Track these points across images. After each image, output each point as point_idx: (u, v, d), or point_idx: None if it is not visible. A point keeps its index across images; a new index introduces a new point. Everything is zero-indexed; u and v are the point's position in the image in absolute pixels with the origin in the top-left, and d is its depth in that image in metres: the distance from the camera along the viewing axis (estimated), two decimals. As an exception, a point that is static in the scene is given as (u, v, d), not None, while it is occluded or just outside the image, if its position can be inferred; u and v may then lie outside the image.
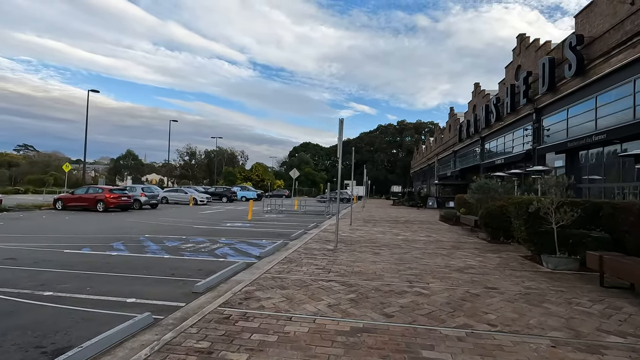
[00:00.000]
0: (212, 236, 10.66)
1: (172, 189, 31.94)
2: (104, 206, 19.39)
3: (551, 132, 18.06)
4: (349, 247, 8.45)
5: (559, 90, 16.62)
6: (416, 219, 17.87)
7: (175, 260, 7.15)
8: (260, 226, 13.88)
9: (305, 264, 6.39)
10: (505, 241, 9.69)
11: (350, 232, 11.43)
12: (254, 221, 15.95)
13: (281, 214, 20.86)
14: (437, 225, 15.03)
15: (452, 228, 13.67)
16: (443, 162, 42.69)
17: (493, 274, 5.92)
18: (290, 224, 14.90)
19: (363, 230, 12.25)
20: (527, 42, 20.85)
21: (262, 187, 72.29)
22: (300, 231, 11.75)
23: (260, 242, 9.61)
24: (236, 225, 14.12)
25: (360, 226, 13.74)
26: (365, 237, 10.40)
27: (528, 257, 7.45)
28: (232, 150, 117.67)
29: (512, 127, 22.36)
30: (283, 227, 13.63)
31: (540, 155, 18.74)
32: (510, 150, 22.96)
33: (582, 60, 14.51)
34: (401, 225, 14.57)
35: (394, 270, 6.00)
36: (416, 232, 12.03)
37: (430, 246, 8.83)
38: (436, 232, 12.01)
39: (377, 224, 15.02)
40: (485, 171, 27.44)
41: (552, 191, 6.55)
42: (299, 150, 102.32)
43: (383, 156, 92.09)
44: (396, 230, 12.31)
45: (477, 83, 31.27)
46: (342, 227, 12.90)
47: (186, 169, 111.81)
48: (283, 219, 17.75)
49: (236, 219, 16.67)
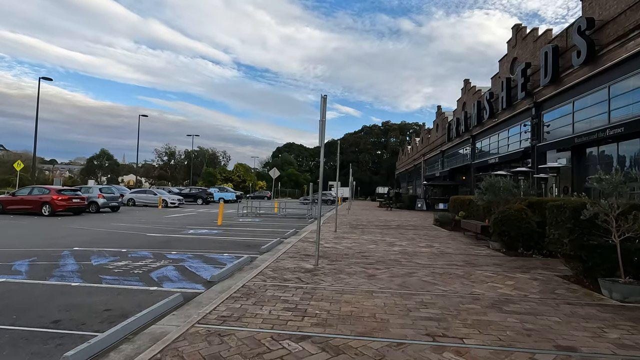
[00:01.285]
0: (163, 249, 8.42)
1: (139, 190, 29.18)
2: (50, 209, 16.70)
3: (552, 128, 16.60)
4: (334, 265, 6.41)
5: (563, 82, 15.15)
6: (408, 223, 16.03)
7: (83, 291, 4.94)
8: (228, 233, 11.69)
9: (269, 299, 4.31)
10: (525, 253, 7.87)
11: (335, 242, 9.40)
12: (224, 227, 13.73)
13: (258, 218, 18.67)
14: (434, 230, 13.20)
15: (452, 234, 11.86)
16: (430, 162, 41.38)
17: (546, 312, 4.00)
18: (265, 231, 12.76)
19: (350, 238, 10.25)
20: (524, 32, 19.44)
21: (244, 189, 69.75)
22: (275, 240, 9.66)
23: (221, 258, 7.46)
24: (200, 232, 11.88)
25: (347, 233, 11.75)
26: (353, 248, 8.39)
27: (571, 279, 5.60)
28: (214, 150, 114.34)
29: (507, 123, 20.91)
30: (256, 235, 11.49)
31: (540, 153, 17.27)
32: (505, 148, 21.52)
33: (593, 46, 13.02)
34: (393, 231, 12.66)
35: (402, 310, 4.00)
36: (413, 240, 10.12)
37: (438, 261, 6.91)
38: (437, 241, 10.14)
39: (366, 229, 13.06)
40: (477, 171, 26.03)
41: (618, 191, 4.70)
42: (283, 151, 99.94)
43: (368, 157, 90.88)
44: (390, 239, 10.37)
45: (467, 79, 29.95)
46: (326, 235, 10.87)
47: (165, 169, 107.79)
48: (259, 224, 15.59)
49: (204, 225, 14.39)
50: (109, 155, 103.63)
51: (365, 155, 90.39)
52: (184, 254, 7.81)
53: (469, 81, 29.62)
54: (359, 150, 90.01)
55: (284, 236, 11.06)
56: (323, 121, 6.14)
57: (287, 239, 10.41)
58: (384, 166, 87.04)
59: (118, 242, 9.38)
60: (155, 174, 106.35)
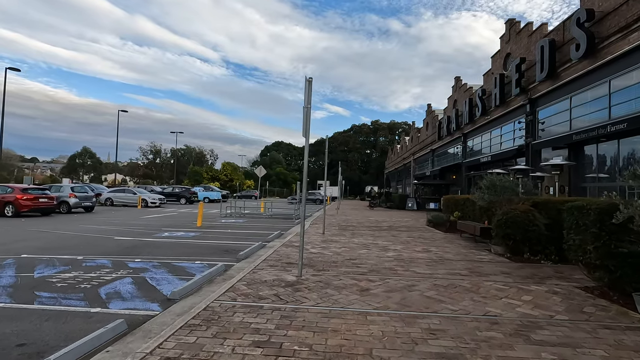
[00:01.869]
0: (126, 255, 7.39)
1: (118, 188, 27.73)
2: (14, 210, 15.34)
3: (548, 125, 16.07)
4: (320, 276, 5.51)
5: (560, 77, 14.60)
6: (400, 224, 15.26)
7: (3, 315, 3.91)
8: (206, 236, 10.68)
9: (236, 328, 3.37)
10: (532, 258, 7.13)
11: (322, 247, 8.51)
12: (204, 229, 12.69)
13: (242, 219, 17.65)
14: (428, 232, 12.44)
15: (448, 237, 11.10)
16: (420, 161, 40.90)
17: (585, 342, 3.19)
18: (248, 233, 11.79)
19: (340, 242, 9.37)
20: (518, 27, 18.90)
21: (231, 188, 68.35)
22: (256, 245, 8.71)
23: (190, 267, 6.48)
24: (175, 235, 10.83)
25: (336, 235, 10.87)
26: (343, 254, 7.51)
27: (594, 292, 4.83)
28: (201, 148, 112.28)
29: (500, 121, 20.38)
30: (236, 238, 10.51)
31: (534, 151, 16.74)
32: (497, 146, 20.99)
33: (593, 38, 12.45)
34: (385, 233, 11.85)
35: (406, 341, 3.13)
36: (408, 243, 9.30)
37: (439, 270, 6.08)
38: (433, 244, 9.34)
39: (356, 231, 12.22)
40: (468, 170, 25.53)
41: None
42: (271, 150, 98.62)
43: (357, 156, 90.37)
44: (382, 242, 9.53)
45: (458, 77, 29.45)
46: (313, 238, 9.97)
47: (150, 168, 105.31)
48: (241, 225, 14.59)
49: (182, 226, 13.32)
50: (91, 153, 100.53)
51: (355, 154, 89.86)
52: (149, 262, 6.80)
53: (460, 78, 29.12)
54: (348, 150, 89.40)
55: (267, 239, 10.12)
56: (308, 107, 5.23)
57: (270, 243, 9.47)
58: (373, 165, 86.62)
59: (78, 247, 8.29)
60: (140, 172, 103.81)
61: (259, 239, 10.29)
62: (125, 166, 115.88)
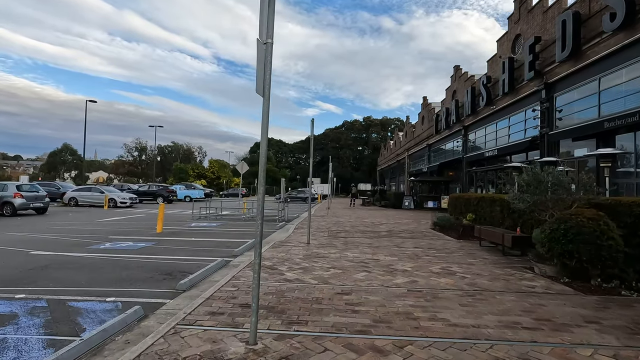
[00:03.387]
0: (13, 286, 4.98)
1: (84, 187, 24.96)
2: (-64, 214, 12.67)
3: (568, 112, 14.01)
4: (290, 342, 3.20)
5: (585, 56, 12.51)
6: (401, 228, 13.03)
7: None
8: (157, 250, 8.28)
9: None
10: (604, 286, 4.93)
11: (303, 268, 6.19)
12: (162, 237, 10.29)
13: (217, 222, 15.24)
14: (437, 239, 10.23)
15: (465, 246, 8.89)
16: (415, 157, 38.88)
17: None
18: (215, 243, 9.42)
19: (328, 258, 7.06)
20: (530, 4, 16.78)
21: (218, 185, 65.66)
22: (215, 263, 6.37)
23: (86, 313, 4.09)
24: (118, 247, 8.40)
25: (324, 246, 8.57)
26: (331, 282, 5.22)
27: None
28: (189, 145, 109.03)
29: (508, 111, 18.30)
30: (195, 252, 8.14)
31: (551, 142, 14.69)
32: (504, 139, 18.93)
33: (634, 5, 10.36)
34: (386, 241, 9.58)
35: None
36: (419, 259, 7.05)
37: (485, 317, 3.82)
38: (452, 259, 7.11)
39: (350, 239, 9.94)
40: (469, 166, 23.49)
41: None
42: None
43: (349, 153, 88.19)
44: (384, 256, 7.26)
45: (457, 66, 27.39)
46: (294, 251, 7.65)
47: (135, 165, 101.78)
48: (212, 231, 12.20)
49: (136, 234, 10.88)
50: (72, 150, 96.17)
51: (347, 151, 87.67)
52: (33, 301, 4.40)
53: (459, 67, 27.05)
54: (339, 146, 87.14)
55: (235, 252, 7.76)
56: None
57: (236, 259, 7.14)
58: (365, 162, 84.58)
59: (-44, 271, 5.82)
60: (124, 170, 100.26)
61: (226, 251, 7.94)
62: (112, 164, 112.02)
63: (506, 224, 9.24)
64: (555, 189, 5.80)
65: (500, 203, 9.61)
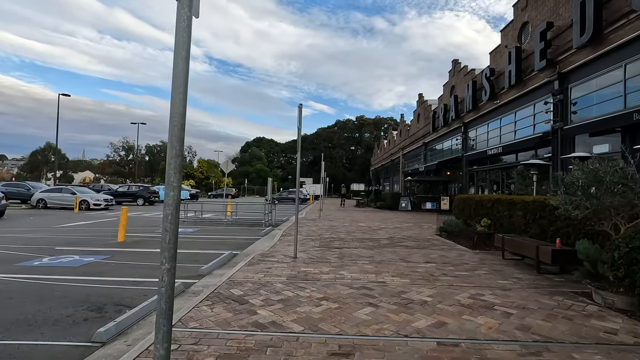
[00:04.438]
0: None
1: (54, 188, 22.95)
2: None
3: (585, 104, 12.67)
4: None
5: (608, 40, 11.16)
6: (403, 234, 11.50)
7: None
8: (104, 268, 6.60)
9: None
10: None
11: (284, 299, 4.58)
12: (121, 248, 8.59)
13: (194, 227, 13.55)
14: (449, 249, 8.71)
15: (486, 259, 7.38)
16: (410, 156, 37.55)
17: None
18: (182, 255, 7.75)
19: (318, 282, 5.47)
20: (539, -13, 15.42)
21: (207, 185, 63.73)
22: (158, 294, 4.73)
23: None
24: (55, 264, 6.70)
25: (314, 262, 6.97)
26: (322, 330, 3.62)
27: None
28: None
29: (514, 105, 16.95)
30: (152, 270, 6.48)
31: (565, 138, 13.34)
32: (510, 135, 17.57)
33: (672, -23, 9.01)
34: (389, 252, 8.03)
35: None
36: (437, 280, 5.50)
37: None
38: (480, 281, 5.57)
39: (346, 250, 8.37)
40: (470, 165, 22.14)
41: None
42: (252, 146, 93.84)
43: (342, 152, 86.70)
44: (392, 278, 5.69)
45: (456, 60, 26.03)
46: (275, 271, 6.04)
47: (122, 165, 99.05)
48: (185, 239, 10.52)
49: (91, 244, 9.16)
50: (57, 149, 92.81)
51: (339, 150, 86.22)
52: None
53: (458, 62, 25.69)
54: (332, 146, 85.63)
55: (202, 272, 6.12)
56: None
57: (201, 280, 5.52)
58: (358, 162, 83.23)
59: None
60: (111, 170, 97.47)
61: (190, 269, 6.30)
62: (99, 164, 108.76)
63: (531, 232, 7.78)
64: (623, 191, 4.30)
65: (523, 206, 8.14)
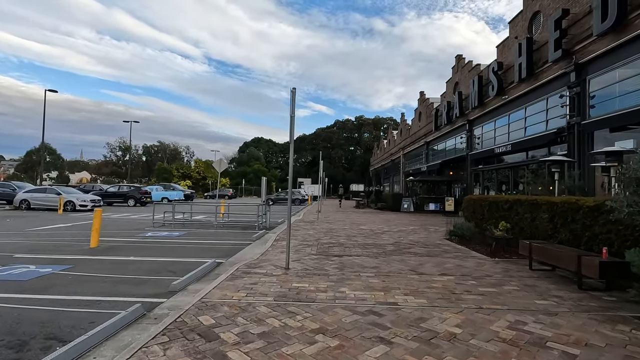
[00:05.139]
0: None
1: (37, 188, 21.82)
2: None
3: (606, 97, 11.67)
4: None
5: (633, 26, 10.16)
6: (409, 239, 10.46)
7: None
8: (58, 283, 5.55)
9: None
10: None
11: (267, 332, 3.51)
12: (92, 254, 7.54)
13: (180, 230, 12.49)
14: (466, 258, 7.67)
15: (509, 269, 6.34)
16: (411, 156, 36.55)
17: None
18: (159, 263, 6.71)
19: (313, 304, 4.40)
20: (552, -26, 14.44)
21: (204, 186, 62.72)
22: (118, 318, 3.69)
23: None
24: (1, 277, 5.65)
25: (310, 275, 5.93)
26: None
27: None
28: (176, 145, 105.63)
29: (525, 100, 15.95)
30: (115, 285, 5.43)
31: (584, 133, 12.33)
32: (520, 132, 16.56)
33: None
34: (396, 262, 6.98)
35: None
36: (462, 303, 4.46)
37: None
38: (517, 305, 4.52)
39: (346, 258, 7.33)
40: (475, 164, 21.12)
41: None
42: (250, 146, 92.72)
43: (341, 153, 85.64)
44: (405, 297, 4.65)
45: (460, 55, 25.03)
46: (262, 287, 4.97)
47: (119, 165, 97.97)
48: (167, 244, 9.47)
49: (57, 251, 8.10)
50: (51, 149, 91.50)
51: (338, 150, 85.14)
52: None
53: (462, 57, 24.70)
54: (331, 146, 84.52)
55: (173, 287, 5.07)
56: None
57: (169, 300, 4.47)
58: (357, 162, 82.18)
59: None
60: (108, 170, 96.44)
61: (162, 283, 5.25)
62: (96, 164, 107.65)
63: (560, 238, 6.75)
64: None
65: (550, 208, 7.11)
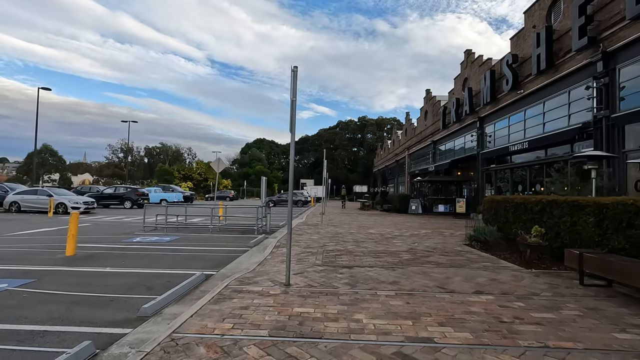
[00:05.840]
0: None
1: (29, 190, 20.90)
2: None
3: (638, 89, 10.60)
4: None
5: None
6: (424, 244, 9.40)
7: None
8: (1, 304, 4.55)
9: None
10: None
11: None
12: (64, 265, 6.56)
13: (171, 235, 11.49)
14: (497, 269, 6.61)
15: (555, 284, 5.29)
16: (416, 156, 35.44)
17: None
18: (140, 276, 5.70)
19: (320, 342, 3.40)
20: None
21: (205, 187, 61.96)
22: (73, 352, 2.67)
23: None
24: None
25: (315, 295, 4.90)
26: None
27: None
28: (178, 147, 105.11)
29: (544, 94, 14.86)
30: (69, 309, 4.43)
31: (614, 127, 11.25)
32: (538, 129, 15.46)
33: None
34: (418, 275, 5.93)
35: None
36: (519, 338, 3.42)
37: None
38: (594, 342, 3.47)
39: (357, 270, 6.29)
40: (487, 163, 20.03)
41: None
42: (252, 147, 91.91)
43: (344, 154, 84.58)
44: (439, 330, 3.61)
45: (469, 50, 23.94)
46: (254, 314, 3.93)
47: (121, 167, 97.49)
48: (155, 251, 8.46)
49: (27, 260, 7.12)
50: (52, 151, 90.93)
51: (341, 151, 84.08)
52: None
53: (471, 52, 23.61)
54: (334, 147, 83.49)
55: (144, 312, 4.06)
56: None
57: (131, 334, 3.46)
58: (360, 163, 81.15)
59: None
60: (110, 172, 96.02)
61: (134, 304, 4.25)
62: (98, 166, 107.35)
63: (611, 245, 5.69)
64: None
65: (597, 210, 6.04)
